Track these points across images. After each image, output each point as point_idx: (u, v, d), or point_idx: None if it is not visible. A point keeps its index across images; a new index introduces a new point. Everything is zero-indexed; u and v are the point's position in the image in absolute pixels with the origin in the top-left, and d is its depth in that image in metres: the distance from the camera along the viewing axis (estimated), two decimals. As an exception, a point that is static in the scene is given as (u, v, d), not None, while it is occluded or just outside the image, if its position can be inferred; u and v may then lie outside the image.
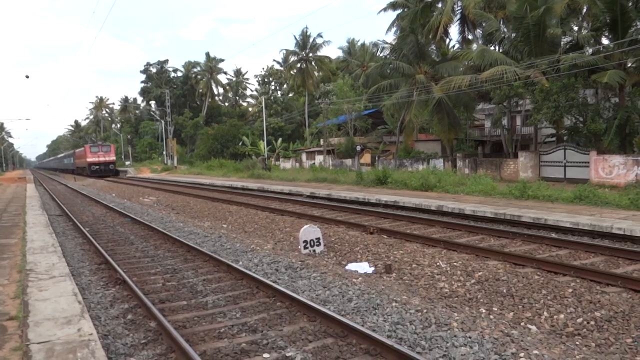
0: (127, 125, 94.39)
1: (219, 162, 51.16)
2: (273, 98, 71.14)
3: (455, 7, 32.94)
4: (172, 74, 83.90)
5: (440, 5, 33.40)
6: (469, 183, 19.52)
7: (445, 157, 32.56)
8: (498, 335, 5.43)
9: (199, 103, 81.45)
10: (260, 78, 78.06)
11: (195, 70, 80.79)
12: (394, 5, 36.13)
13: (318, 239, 10.38)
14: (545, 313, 6.27)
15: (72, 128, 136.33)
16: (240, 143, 58.44)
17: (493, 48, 28.92)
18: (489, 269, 8.00)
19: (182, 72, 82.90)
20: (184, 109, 77.73)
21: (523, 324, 6.05)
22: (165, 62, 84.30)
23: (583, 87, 23.97)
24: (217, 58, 79.50)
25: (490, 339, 5.30)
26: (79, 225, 14.77)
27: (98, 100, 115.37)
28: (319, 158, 46.24)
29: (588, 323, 5.87)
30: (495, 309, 6.59)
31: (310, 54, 60.91)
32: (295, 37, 60.68)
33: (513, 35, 27.15)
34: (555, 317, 6.13)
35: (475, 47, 30.87)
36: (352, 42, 63.20)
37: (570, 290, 6.80)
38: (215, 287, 7.89)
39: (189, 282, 8.27)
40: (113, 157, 57.08)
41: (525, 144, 33.57)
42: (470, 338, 5.33)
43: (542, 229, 11.24)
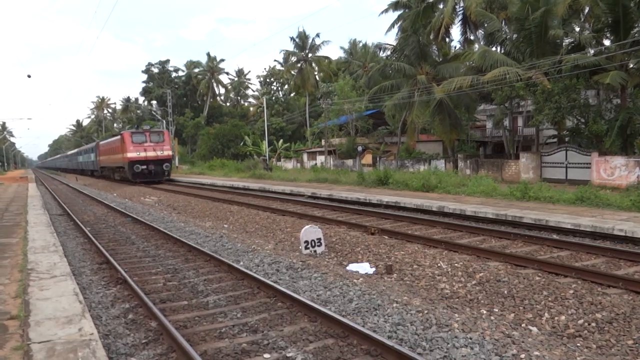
0: (128, 125, 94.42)
1: (221, 162, 51.16)
2: (274, 98, 71.15)
3: (457, 7, 32.91)
4: (173, 74, 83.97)
5: (442, 6, 33.37)
6: (470, 184, 19.50)
7: (447, 157, 32.52)
8: (499, 337, 5.43)
9: (200, 103, 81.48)
10: (262, 78, 78.12)
11: (197, 71, 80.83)
12: (396, 6, 36.11)
13: (319, 240, 10.38)
14: (547, 314, 6.26)
15: (73, 128, 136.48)
16: (242, 143, 58.45)
17: (495, 49, 28.89)
18: (490, 270, 7.99)
19: (183, 71, 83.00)
20: (186, 109, 77.75)
21: (524, 325, 6.04)
22: (167, 62, 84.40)
23: (585, 88, 23.94)
24: (218, 58, 79.58)
25: (491, 340, 5.30)
26: (80, 225, 14.78)
27: (100, 100, 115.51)
28: (320, 158, 46.23)
29: (589, 324, 5.86)
30: (496, 310, 6.59)
31: (310, 55, 60.89)
32: (294, 38, 60.60)
33: (515, 36, 27.12)
34: (557, 318, 6.13)
35: (477, 47, 30.85)
36: (353, 42, 63.24)
37: (572, 292, 6.79)
38: (216, 287, 7.89)
39: (190, 282, 8.27)
40: (169, 150, 36.60)
41: (527, 145, 33.54)
42: (471, 339, 5.32)
43: (543, 230, 11.22)
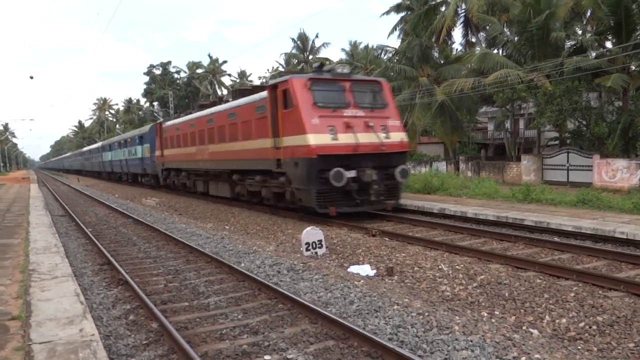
0: (130, 127, 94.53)
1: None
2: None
3: (459, 10, 32.93)
4: (175, 75, 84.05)
5: (444, 9, 33.39)
6: (472, 186, 19.48)
7: (448, 159, 32.49)
8: (500, 339, 5.42)
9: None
10: (265, 80, 78.18)
11: (199, 72, 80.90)
12: (398, 8, 36.13)
13: (320, 241, 10.38)
14: (547, 317, 6.25)
15: (75, 128, 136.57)
16: None
17: (496, 51, 28.90)
18: (491, 273, 7.99)
19: (185, 72, 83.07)
20: (188, 110, 77.82)
21: (525, 328, 6.04)
22: (168, 63, 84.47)
23: (586, 90, 23.91)
24: (220, 60, 79.66)
25: (492, 343, 5.29)
26: (82, 226, 14.81)
27: (101, 101, 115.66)
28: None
29: (590, 327, 5.85)
30: (497, 313, 6.58)
31: (310, 57, 60.91)
32: (294, 39, 60.60)
33: (516, 39, 27.12)
34: (558, 321, 6.12)
35: (479, 50, 30.84)
36: (354, 44, 63.21)
37: (573, 295, 6.78)
38: (217, 288, 7.90)
39: (191, 283, 8.28)
40: (400, 129, 14.60)
41: (528, 147, 33.49)
42: (472, 342, 5.32)
43: (544, 233, 11.21)
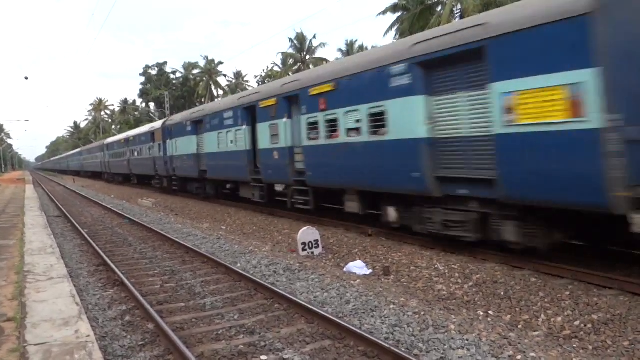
0: (126, 127, 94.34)
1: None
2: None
3: (455, 10, 33.01)
4: (171, 76, 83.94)
5: (440, 9, 33.48)
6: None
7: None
8: (495, 338, 5.44)
9: (199, 104, 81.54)
10: (261, 80, 78.13)
11: (195, 72, 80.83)
12: (394, 8, 36.19)
13: (316, 241, 10.39)
14: (543, 316, 6.27)
15: (71, 129, 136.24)
16: None
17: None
18: (487, 272, 8.01)
19: (181, 73, 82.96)
20: (183, 111, 77.77)
21: (520, 327, 6.06)
22: (164, 64, 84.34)
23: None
24: (216, 61, 79.61)
25: (488, 342, 5.31)
26: (78, 227, 14.76)
27: (97, 102, 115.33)
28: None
29: (585, 326, 5.87)
30: (493, 312, 6.60)
31: (307, 57, 60.91)
32: (292, 39, 60.57)
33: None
34: (553, 319, 6.14)
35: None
36: (350, 43, 63.24)
37: (568, 293, 6.81)
38: (214, 289, 7.89)
39: (187, 283, 8.27)
40: None
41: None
42: (468, 340, 5.33)
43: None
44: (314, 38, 60.66)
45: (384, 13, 37.01)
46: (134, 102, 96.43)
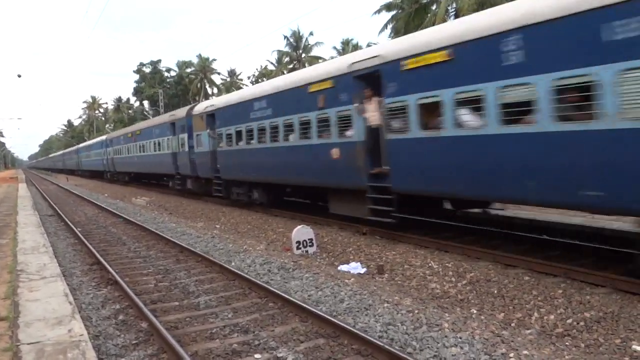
0: (120, 125, 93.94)
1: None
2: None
3: (450, 9, 33.07)
4: (165, 74, 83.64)
5: (435, 8, 33.54)
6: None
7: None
8: (488, 336, 5.47)
9: (192, 103, 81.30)
10: (254, 78, 77.97)
11: (189, 71, 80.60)
12: (389, 7, 36.20)
13: (311, 240, 10.40)
14: (536, 314, 6.31)
15: (64, 128, 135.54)
16: None
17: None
18: (481, 270, 8.04)
19: (175, 71, 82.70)
20: (178, 109, 77.51)
21: (513, 325, 6.09)
22: (158, 62, 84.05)
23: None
24: (210, 59, 79.41)
25: (481, 340, 5.34)
26: (71, 226, 14.70)
27: (91, 100, 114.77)
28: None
29: (578, 324, 5.91)
30: (486, 310, 6.63)
31: (303, 55, 60.80)
32: (287, 37, 60.41)
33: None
34: (546, 317, 6.18)
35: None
36: (346, 42, 63.23)
37: (561, 291, 6.85)
38: (208, 287, 7.88)
39: (181, 282, 8.26)
40: None
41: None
42: (461, 338, 5.36)
43: (533, 230, 11.29)
44: (311, 35, 60.52)
45: (379, 12, 37.04)
46: (128, 100, 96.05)
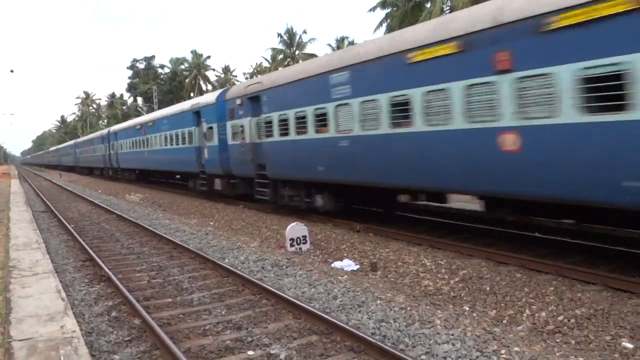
0: (114, 121, 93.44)
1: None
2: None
3: (445, 7, 33.09)
4: (159, 70, 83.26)
5: (430, 5, 33.56)
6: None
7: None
8: (480, 333, 5.51)
9: (187, 99, 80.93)
10: (249, 75, 77.75)
11: (183, 67, 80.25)
12: (384, 5, 36.18)
13: (304, 237, 10.40)
14: (527, 311, 6.36)
15: (58, 123, 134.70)
16: None
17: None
18: (473, 267, 8.08)
19: (169, 68, 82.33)
20: (172, 105, 77.21)
21: (505, 322, 6.13)
22: (152, 58, 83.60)
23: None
24: (204, 55, 79.12)
25: (473, 336, 5.38)
26: (64, 222, 14.64)
27: (84, 96, 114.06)
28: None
29: (569, 321, 5.96)
30: (478, 307, 6.67)
31: (297, 52, 60.67)
32: (281, 34, 60.22)
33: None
34: (537, 314, 6.22)
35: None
36: (340, 39, 63.12)
37: (552, 289, 6.90)
38: (201, 284, 7.88)
39: (175, 279, 8.25)
40: None
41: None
42: (453, 335, 5.39)
43: (526, 228, 11.35)
44: (304, 33, 60.37)
45: (373, 10, 37.02)
46: (122, 96, 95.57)
